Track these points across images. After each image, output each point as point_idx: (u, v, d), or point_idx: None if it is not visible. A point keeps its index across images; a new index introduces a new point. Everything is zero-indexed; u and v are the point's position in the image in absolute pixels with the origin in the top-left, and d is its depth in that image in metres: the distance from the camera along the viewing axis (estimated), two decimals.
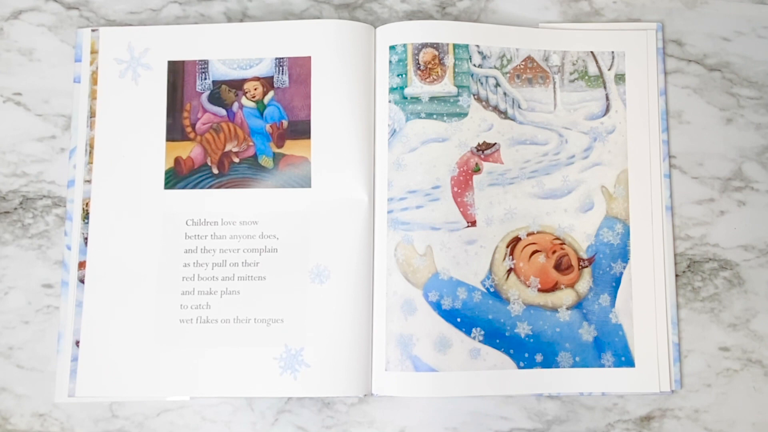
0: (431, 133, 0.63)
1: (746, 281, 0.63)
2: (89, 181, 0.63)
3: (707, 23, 0.66)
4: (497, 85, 0.64)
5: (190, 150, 0.64)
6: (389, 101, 0.64)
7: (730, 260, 0.64)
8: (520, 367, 0.61)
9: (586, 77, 0.65)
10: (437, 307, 0.61)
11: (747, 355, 0.62)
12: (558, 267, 0.63)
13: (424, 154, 0.63)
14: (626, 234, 0.63)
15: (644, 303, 0.62)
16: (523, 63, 0.65)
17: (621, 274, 0.63)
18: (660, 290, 0.62)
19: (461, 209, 0.63)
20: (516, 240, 0.63)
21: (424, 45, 0.64)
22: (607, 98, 0.65)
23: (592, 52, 0.65)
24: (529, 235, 0.63)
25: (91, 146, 0.64)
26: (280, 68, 0.65)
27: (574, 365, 0.61)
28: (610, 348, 0.62)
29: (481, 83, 0.64)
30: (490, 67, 0.64)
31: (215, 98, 0.65)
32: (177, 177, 0.64)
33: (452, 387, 0.60)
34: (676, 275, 0.63)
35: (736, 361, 0.62)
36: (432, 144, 0.63)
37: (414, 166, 0.63)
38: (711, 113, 0.65)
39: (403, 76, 0.64)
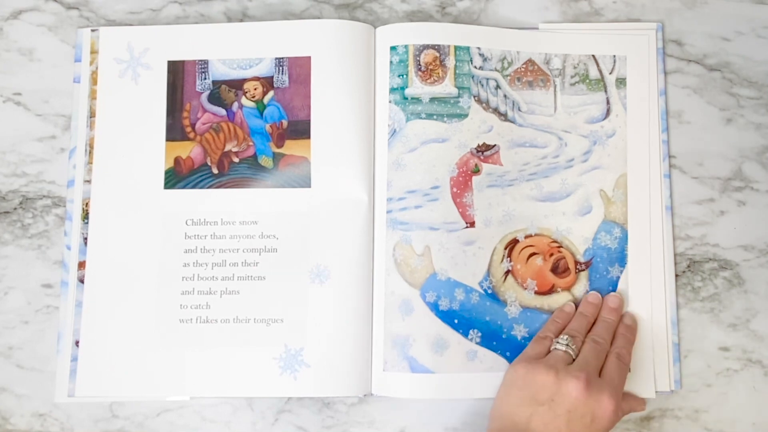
0: (431, 133, 0.63)
1: (746, 281, 0.63)
2: (89, 181, 0.63)
3: (707, 23, 0.66)
4: (498, 87, 0.64)
5: (189, 150, 0.64)
6: (389, 101, 0.64)
7: (730, 260, 0.64)
8: None
9: (587, 81, 0.65)
10: (434, 307, 0.61)
11: (747, 355, 0.62)
12: (555, 270, 0.62)
13: (423, 154, 0.63)
14: (624, 238, 0.63)
15: (642, 305, 0.62)
16: (524, 66, 0.65)
17: (618, 278, 0.62)
18: (660, 290, 0.62)
19: (460, 210, 0.62)
20: (514, 242, 0.63)
21: (426, 46, 0.64)
22: (608, 102, 0.64)
23: (593, 56, 0.65)
24: (527, 237, 0.63)
25: (91, 146, 0.64)
26: (280, 68, 0.65)
27: None
28: None
29: (482, 85, 0.64)
30: (491, 69, 0.64)
31: (215, 98, 0.65)
32: (177, 177, 0.64)
33: (449, 389, 0.60)
34: (676, 275, 0.63)
35: (736, 361, 0.62)
36: (432, 144, 0.63)
37: (414, 166, 0.63)
38: (711, 113, 0.65)
39: (404, 76, 0.64)
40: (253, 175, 0.64)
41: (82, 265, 0.62)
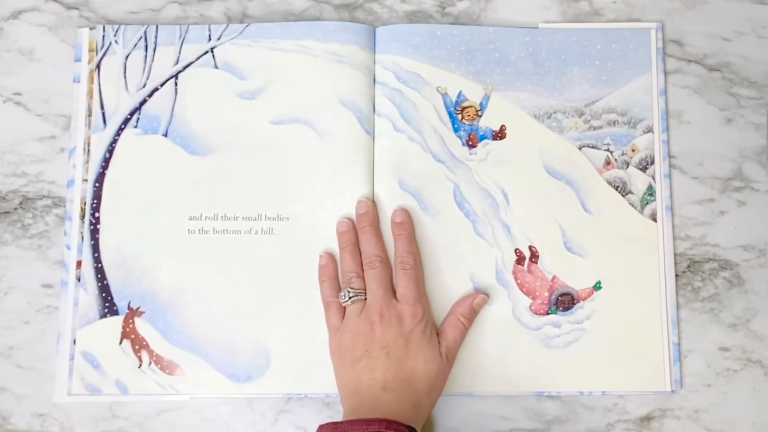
0: None
1: (746, 281, 0.63)
2: (87, 180, 0.63)
3: (707, 23, 0.66)
4: None
5: None
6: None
7: (730, 260, 0.64)
8: None
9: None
10: None
11: (747, 355, 0.62)
12: None
13: None
14: None
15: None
16: None
17: None
18: (660, 290, 0.62)
19: None
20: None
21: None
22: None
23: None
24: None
25: (90, 145, 0.64)
26: None
27: None
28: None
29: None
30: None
31: None
32: None
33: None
34: (676, 275, 0.63)
35: (736, 361, 0.62)
36: None
37: None
38: (711, 113, 0.65)
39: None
40: None
41: (81, 264, 0.62)
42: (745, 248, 0.64)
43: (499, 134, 0.64)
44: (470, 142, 0.63)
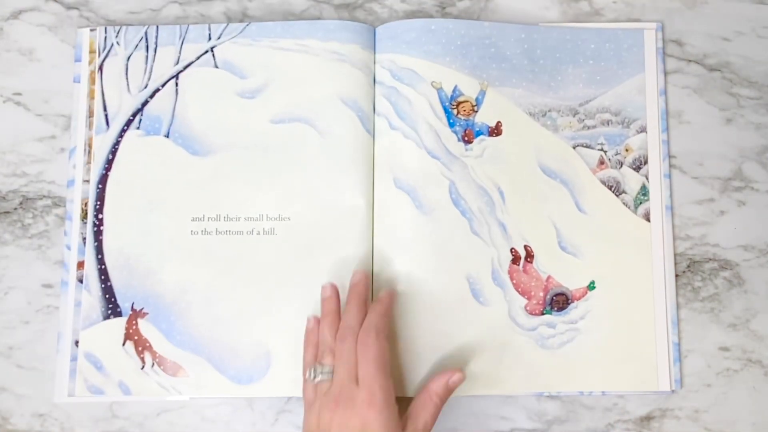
0: None
1: (746, 281, 0.63)
2: (89, 181, 0.63)
3: (707, 23, 0.66)
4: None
5: None
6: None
7: (730, 260, 0.64)
8: None
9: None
10: None
11: (747, 355, 0.62)
12: None
13: None
14: None
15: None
16: None
17: None
18: (660, 290, 0.62)
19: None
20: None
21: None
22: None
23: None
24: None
25: (91, 146, 0.64)
26: None
27: None
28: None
29: None
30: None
31: None
32: None
33: None
34: (676, 275, 0.63)
35: (736, 361, 0.62)
36: None
37: None
38: (711, 113, 0.65)
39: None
40: None
41: (81, 265, 0.62)
42: (745, 248, 0.64)
43: (495, 131, 0.63)
44: (466, 138, 0.63)
